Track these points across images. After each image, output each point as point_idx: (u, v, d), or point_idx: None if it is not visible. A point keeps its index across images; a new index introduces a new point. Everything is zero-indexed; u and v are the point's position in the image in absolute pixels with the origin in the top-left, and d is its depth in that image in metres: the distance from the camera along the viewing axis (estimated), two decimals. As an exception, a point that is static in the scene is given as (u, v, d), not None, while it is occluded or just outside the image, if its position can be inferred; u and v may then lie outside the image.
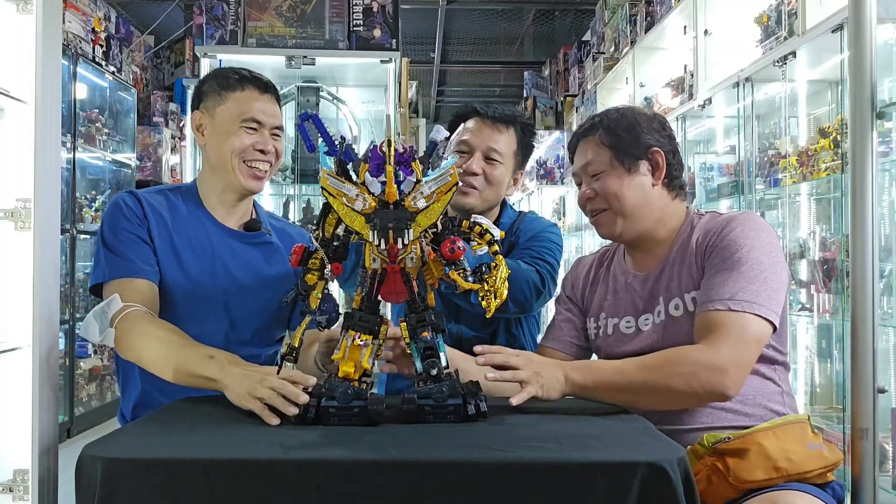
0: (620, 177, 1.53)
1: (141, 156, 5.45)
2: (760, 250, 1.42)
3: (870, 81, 1.53)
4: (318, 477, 1.04)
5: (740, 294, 1.37)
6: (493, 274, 1.28)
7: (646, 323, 1.53)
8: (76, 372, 4.36)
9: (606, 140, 1.54)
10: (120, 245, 1.59)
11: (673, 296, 1.50)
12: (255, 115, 1.65)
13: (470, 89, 9.55)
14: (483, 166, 1.84)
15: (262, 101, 1.68)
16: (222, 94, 1.67)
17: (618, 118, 1.56)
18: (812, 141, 2.68)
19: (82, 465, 1.07)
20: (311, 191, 3.60)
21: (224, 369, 1.35)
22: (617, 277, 1.62)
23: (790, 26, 2.67)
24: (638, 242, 1.58)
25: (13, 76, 1.23)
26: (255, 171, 1.67)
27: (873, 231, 1.53)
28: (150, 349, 1.47)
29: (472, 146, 1.85)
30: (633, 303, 1.56)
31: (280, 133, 1.71)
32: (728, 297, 1.37)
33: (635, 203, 1.53)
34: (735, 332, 1.34)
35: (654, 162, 1.54)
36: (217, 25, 3.37)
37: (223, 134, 1.65)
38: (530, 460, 1.05)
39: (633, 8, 4.65)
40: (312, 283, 1.32)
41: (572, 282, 1.73)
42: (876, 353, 1.51)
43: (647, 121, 1.57)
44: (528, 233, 1.88)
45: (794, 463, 1.30)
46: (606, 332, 1.59)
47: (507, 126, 1.88)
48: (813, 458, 1.32)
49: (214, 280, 1.65)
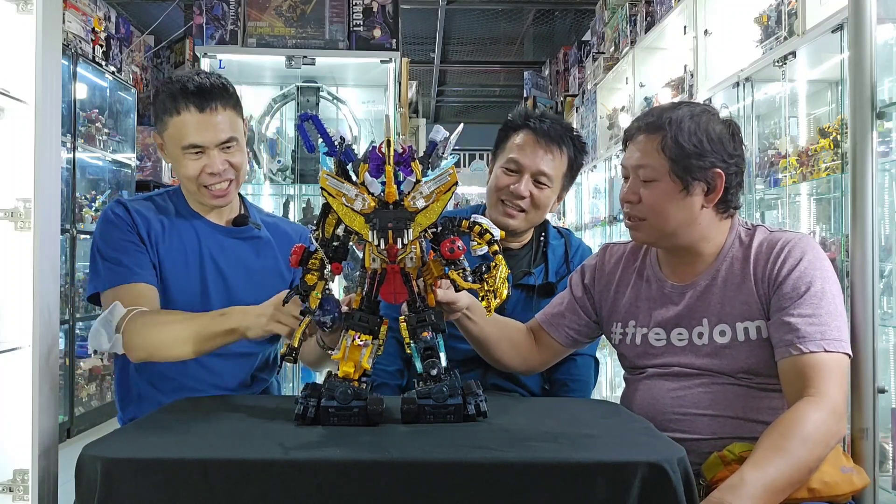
0: (672, 194, 1.42)
1: (141, 156, 5.45)
2: (830, 281, 1.39)
3: (870, 81, 1.53)
4: (317, 477, 1.04)
5: (829, 332, 1.33)
6: (492, 274, 1.28)
7: (680, 339, 1.47)
8: (76, 372, 4.36)
9: (671, 150, 1.41)
10: (114, 252, 1.59)
11: (721, 320, 1.43)
12: (192, 140, 1.58)
13: (470, 89, 9.55)
14: (531, 189, 1.78)
15: (201, 120, 1.57)
16: (164, 120, 1.61)
17: (689, 126, 1.41)
18: (812, 141, 2.68)
19: (82, 465, 1.07)
20: (310, 191, 3.60)
21: (239, 316, 1.45)
22: (651, 283, 1.54)
23: (790, 26, 2.66)
24: (676, 252, 1.50)
25: (13, 76, 1.22)
26: (214, 191, 1.63)
27: (873, 231, 1.53)
28: (161, 335, 1.48)
29: (521, 166, 1.79)
30: (665, 314, 1.49)
31: (233, 143, 1.62)
32: (820, 338, 1.33)
33: (679, 223, 1.44)
34: (836, 374, 1.32)
35: (713, 184, 1.43)
36: (217, 25, 3.37)
37: (175, 161, 1.63)
38: (530, 460, 1.05)
39: (633, 8, 4.64)
40: (312, 284, 1.32)
41: (595, 272, 1.62)
42: (876, 353, 1.51)
43: (719, 134, 1.43)
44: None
45: (829, 486, 1.29)
46: (634, 341, 1.53)
47: (558, 146, 1.80)
48: (845, 482, 1.32)
49: (205, 277, 1.65)
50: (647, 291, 1.54)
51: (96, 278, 1.61)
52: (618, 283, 1.59)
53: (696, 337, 1.46)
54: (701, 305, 1.46)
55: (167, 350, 1.49)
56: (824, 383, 1.30)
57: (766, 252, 1.43)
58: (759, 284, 1.42)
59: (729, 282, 1.45)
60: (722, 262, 1.46)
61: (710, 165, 1.41)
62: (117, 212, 1.64)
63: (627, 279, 1.58)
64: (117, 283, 1.57)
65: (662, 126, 1.43)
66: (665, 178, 1.42)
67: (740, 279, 1.44)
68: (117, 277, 1.57)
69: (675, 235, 1.46)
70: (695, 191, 1.42)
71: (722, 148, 1.43)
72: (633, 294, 1.56)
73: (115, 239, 1.60)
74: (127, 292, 1.55)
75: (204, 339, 1.48)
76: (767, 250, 1.43)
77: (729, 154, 1.43)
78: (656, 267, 1.55)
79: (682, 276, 1.51)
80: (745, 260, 1.45)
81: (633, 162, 1.47)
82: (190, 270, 1.65)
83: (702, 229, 1.46)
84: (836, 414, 1.28)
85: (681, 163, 1.41)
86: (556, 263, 1.89)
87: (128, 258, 1.59)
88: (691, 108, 1.46)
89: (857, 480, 1.35)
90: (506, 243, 1.75)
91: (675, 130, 1.41)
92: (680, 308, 1.48)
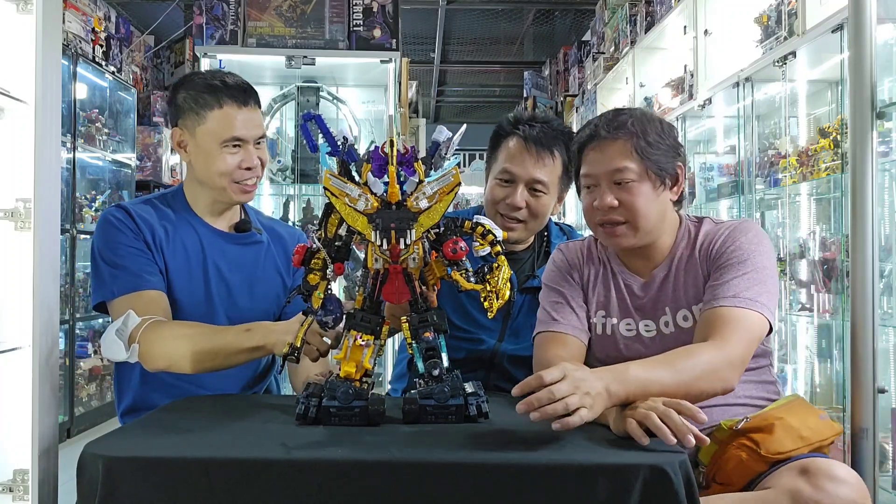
0: (650, 193, 1.46)
1: (141, 156, 5.45)
2: (764, 256, 1.45)
3: (870, 81, 1.53)
4: (318, 477, 1.04)
5: (745, 293, 1.39)
6: (495, 274, 1.28)
7: (648, 329, 1.52)
8: (76, 372, 4.35)
9: (643, 150, 1.44)
10: (120, 259, 1.55)
11: (680, 306, 1.49)
12: (236, 133, 1.59)
13: (470, 89, 9.55)
14: (527, 198, 1.76)
15: (243, 114, 1.61)
16: (200, 114, 1.60)
17: (649, 126, 1.46)
18: (812, 141, 2.68)
19: (84, 464, 1.07)
20: (311, 191, 3.60)
21: (264, 332, 1.46)
22: (616, 275, 1.58)
23: (790, 26, 2.67)
24: (635, 249, 1.54)
25: (13, 76, 1.22)
26: (244, 186, 1.64)
27: (873, 231, 1.53)
28: (184, 348, 1.46)
29: (514, 176, 1.75)
30: (633, 306, 1.54)
31: (263, 140, 1.66)
32: (733, 295, 1.39)
33: (656, 219, 1.48)
34: (742, 327, 1.36)
35: (676, 178, 1.50)
36: (217, 25, 3.37)
37: (207, 156, 1.61)
38: (532, 461, 1.05)
39: (633, 8, 4.65)
40: (315, 283, 1.32)
41: (569, 268, 1.61)
42: (876, 353, 1.52)
43: (668, 130, 1.51)
44: None
45: (815, 431, 1.37)
46: (605, 331, 1.55)
47: (550, 151, 1.75)
48: (827, 427, 1.39)
49: (208, 284, 1.64)
50: (614, 283, 1.58)
51: (102, 286, 1.56)
52: (586, 274, 1.60)
53: (664, 326, 1.51)
54: (662, 296, 1.52)
55: (187, 363, 1.46)
56: (728, 333, 1.35)
57: (710, 237, 1.51)
58: (702, 266, 1.49)
59: (680, 269, 1.51)
60: (675, 253, 1.53)
61: (673, 159, 1.49)
62: (119, 216, 1.60)
63: (595, 271, 1.60)
64: (127, 291, 1.53)
65: (628, 129, 1.46)
66: (644, 179, 1.46)
67: (689, 265, 1.51)
68: (127, 285, 1.54)
69: (650, 233, 1.50)
70: (666, 186, 1.49)
71: (675, 142, 1.51)
72: (603, 286, 1.59)
73: (120, 244, 1.57)
74: (138, 300, 1.52)
75: (229, 355, 1.46)
76: (711, 235, 1.51)
77: (679, 147, 1.52)
78: (617, 261, 1.59)
79: (641, 270, 1.56)
80: (692, 247, 1.52)
81: (604, 169, 1.47)
82: (194, 277, 1.63)
83: (667, 223, 1.52)
84: (729, 362, 1.32)
85: (654, 160, 1.46)
86: None
87: (135, 264, 1.56)
88: (637, 110, 1.54)
89: (835, 425, 1.42)
90: (508, 246, 1.74)
91: (640, 131, 1.46)
92: (644, 301, 1.53)
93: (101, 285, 1.57)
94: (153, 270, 1.58)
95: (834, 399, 2.71)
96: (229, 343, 1.46)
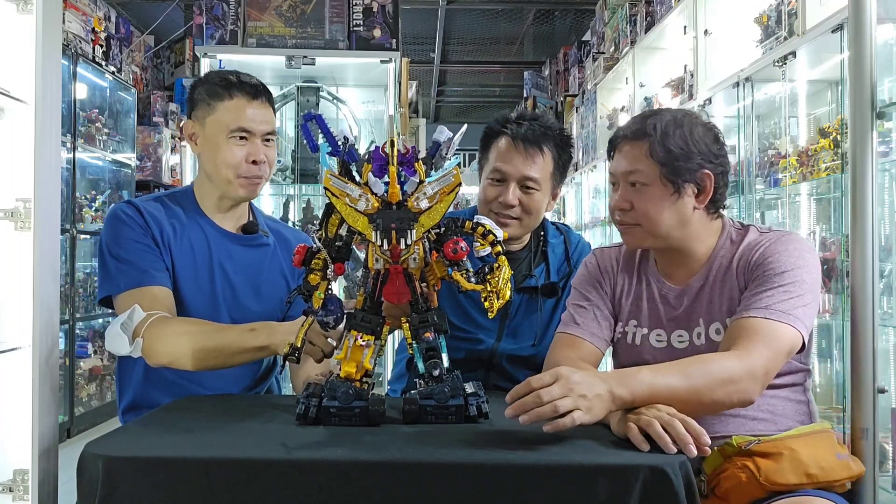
0: (663, 198, 1.44)
1: (141, 156, 5.45)
2: (804, 270, 1.40)
3: (870, 81, 1.53)
4: (319, 477, 1.04)
5: (778, 305, 1.35)
6: (495, 275, 1.28)
7: (681, 341, 1.49)
8: (76, 372, 4.35)
9: (658, 154, 1.43)
10: (127, 254, 1.56)
11: (714, 319, 1.46)
12: (243, 124, 1.61)
13: (470, 89, 9.56)
14: (519, 196, 1.76)
15: (253, 107, 1.63)
16: (211, 104, 1.63)
17: (674, 131, 1.44)
18: (812, 141, 2.68)
19: (84, 464, 1.07)
20: (311, 191, 3.60)
21: (268, 333, 1.46)
22: (650, 284, 1.55)
23: (790, 26, 2.66)
24: (670, 255, 1.52)
25: (13, 76, 1.22)
26: (249, 180, 1.64)
27: (873, 231, 1.53)
28: (187, 345, 1.46)
29: (505, 174, 1.76)
30: (666, 316, 1.51)
31: (273, 138, 1.67)
32: (765, 307, 1.35)
33: (671, 226, 1.46)
34: (769, 338, 1.32)
35: (702, 185, 1.45)
36: (217, 25, 3.37)
37: (214, 146, 1.62)
38: (532, 462, 1.05)
39: (633, 8, 4.65)
40: (315, 284, 1.32)
41: (599, 275, 1.60)
42: (876, 353, 1.51)
43: (702, 136, 1.46)
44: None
45: (825, 471, 1.31)
46: (634, 340, 1.53)
47: (539, 147, 1.77)
48: (842, 467, 1.34)
49: (213, 284, 1.64)
50: (648, 292, 1.55)
51: (109, 280, 1.57)
52: (619, 283, 1.59)
53: (696, 338, 1.47)
54: (697, 306, 1.48)
55: (190, 360, 1.46)
56: (753, 344, 1.31)
57: (751, 247, 1.46)
58: (739, 278, 1.45)
59: (717, 280, 1.48)
60: (713, 262, 1.49)
61: (698, 167, 1.44)
62: (128, 212, 1.60)
63: (629, 280, 1.59)
64: (134, 286, 1.54)
65: (647, 132, 1.45)
66: (656, 183, 1.44)
67: (727, 276, 1.46)
68: (133, 280, 1.54)
69: (668, 238, 1.47)
70: (686, 193, 1.45)
71: (707, 149, 1.46)
72: (635, 294, 1.56)
73: (128, 239, 1.57)
74: (144, 295, 1.52)
75: (232, 354, 1.46)
76: (752, 245, 1.46)
77: (714, 155, 1.47)
78: (654, 269, 1.56)
79: (678, 278, 1.52)
80: (732, 258, 1.47)
81: (622, 169, 1.48)
82: (200, 276, 1.64)
83: (694, 231, 1.48)
84: (750, 373, 1.28)
85: (670, 166, 1.43)
86: (556, 262, 1.89)
87: (142, 260, 1.56)
88: (674, 113, 1.50)
89: (854, 467, 1.36)
90: (505, 245, 1.74)
91: (660, 135, 1.44)
92: (679, 311, 1.50)
93: (108, 279, 1.57)
94: (160, 267, 1.58)
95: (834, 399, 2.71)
96: (233, 342, 1.46)
